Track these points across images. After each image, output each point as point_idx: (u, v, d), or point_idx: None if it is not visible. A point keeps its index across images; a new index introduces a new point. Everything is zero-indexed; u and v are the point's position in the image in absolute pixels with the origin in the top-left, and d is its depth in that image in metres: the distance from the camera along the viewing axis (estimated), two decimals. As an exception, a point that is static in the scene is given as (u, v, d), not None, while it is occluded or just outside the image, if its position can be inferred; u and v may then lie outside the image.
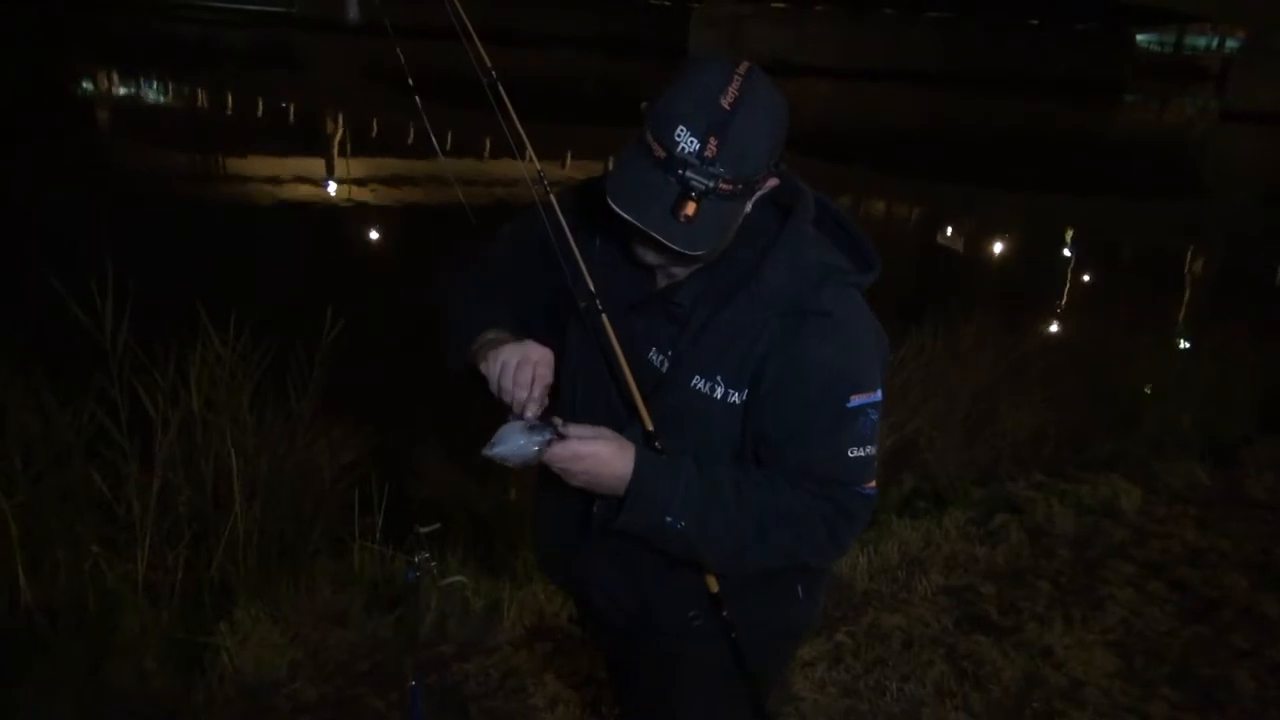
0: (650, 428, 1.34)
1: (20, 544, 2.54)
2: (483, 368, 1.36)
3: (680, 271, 1.36)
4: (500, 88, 1.45)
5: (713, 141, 1.19)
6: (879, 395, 1.35)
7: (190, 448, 2.83)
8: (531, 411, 1.32)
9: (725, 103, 1.19)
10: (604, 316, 1.34)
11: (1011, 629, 3.07)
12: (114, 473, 2.74)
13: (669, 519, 1.30)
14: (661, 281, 1.39)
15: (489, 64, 1.46)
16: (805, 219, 1.37)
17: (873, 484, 1.39)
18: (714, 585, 1.43)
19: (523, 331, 1.42)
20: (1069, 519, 3.83)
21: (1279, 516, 4.03)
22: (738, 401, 1.34)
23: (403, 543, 2.96)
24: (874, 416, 1.35)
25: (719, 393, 1.33)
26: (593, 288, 1.36)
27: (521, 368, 1.33)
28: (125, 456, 2.71)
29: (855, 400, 1.33)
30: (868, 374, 1.35)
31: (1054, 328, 7.36)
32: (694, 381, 1.34)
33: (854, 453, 1.34)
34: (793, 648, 1.79)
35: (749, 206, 1.30)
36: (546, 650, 2.77)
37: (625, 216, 1.22)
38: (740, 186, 1.23)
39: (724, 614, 1.44)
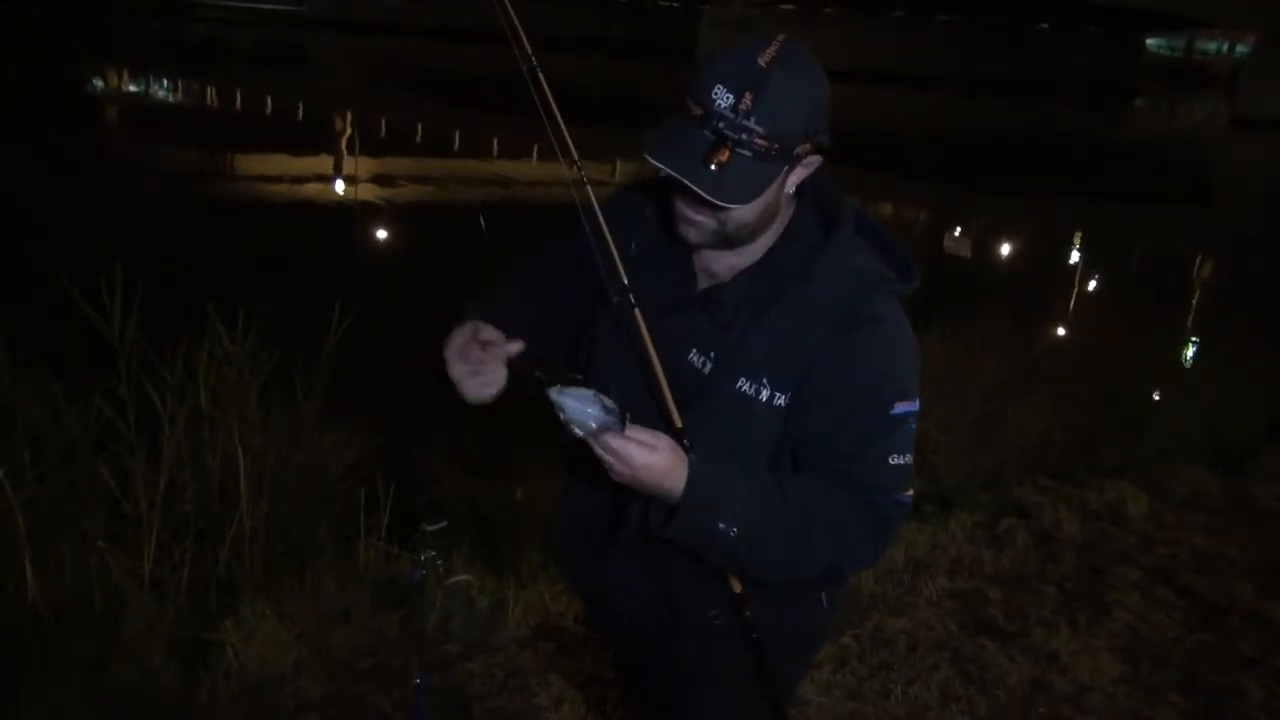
0: (679, 424, 1.32)
1: (27, 539, 2.55)
2: None
3: (722, 270, 1.37)
4: (540, 75, 1.44)
5: (748, 96, 1.21)
6: (918, 405, 1.35)
7: (197, 444, 2.83)
8: (491, 390, 1.35)
9: (762, 62, 1.22)
10: (636, 311, 1.33)
11: (1017, 634, 3.07)
12: (121, 469, 2.74)
13: (721, 525, 1.27)
14: (704, 283, 1.39)
15: (529, 50, 1.44)
16: (849, 227, 1.38)
17: (909, 492, 1.37)
18: (737, 585, 1.41)
19: (517, 329, 1.41)
20: (1076, 524, 3.82)
21: (1287, 523, 4.01)
22: (782, 404, 1.33)
23: (408, 541, 2.96)
24: (913, 426, 1.35)
25: (764, 395, 1.32)
26: (626, 280, 1.35)
27: (451, 373, 1.36)
28: (132, 453, 2.72)
29: (900, 408, 1.32)
30: (911, 383, 1.34)
31: (1062, 332, 7.34)
32: (739, 384, 1.33)
33: (895, 460, 1.33)
34: (813, 654, 1.77)
35: (789, 184, 1.31)
36: (551, 650, 2.77)
37: (659, 165, 1.23)
38: (776, 147, 1.23)
39: (746, 614, 1.42)
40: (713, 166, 1.21)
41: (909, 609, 3.16)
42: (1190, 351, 6.38)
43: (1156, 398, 5.18)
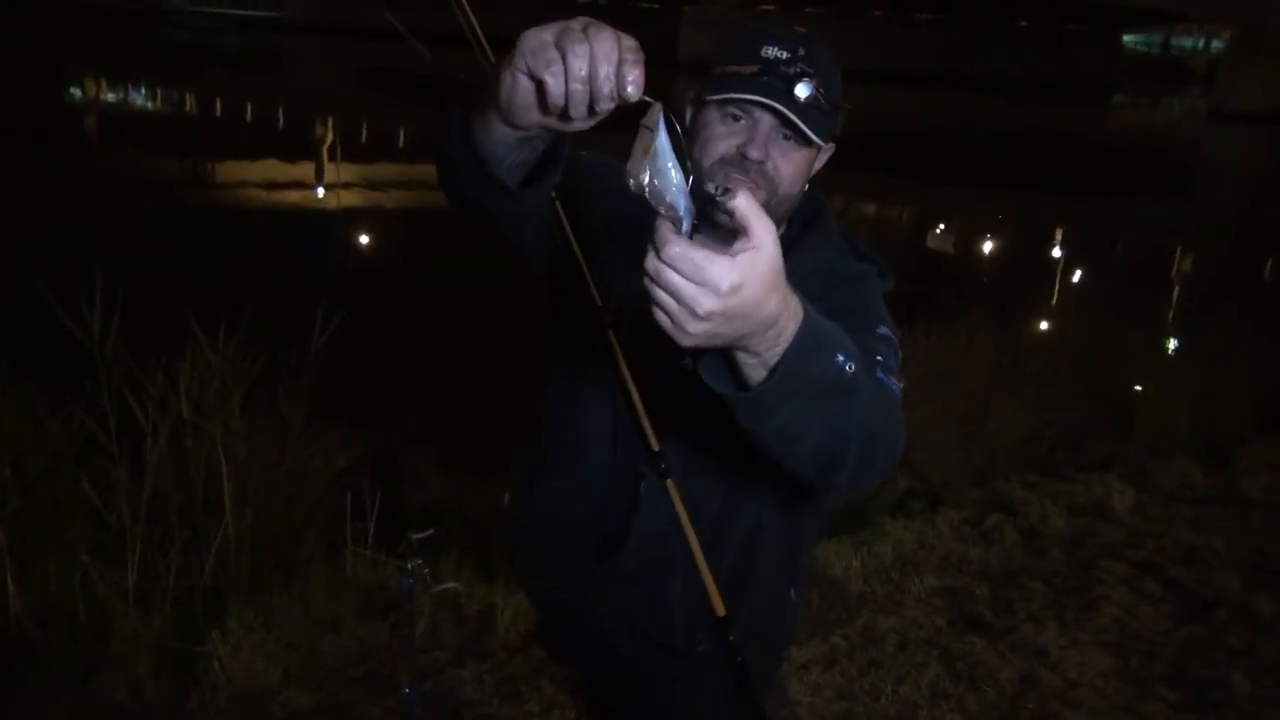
0: (656, 448, 1.29)
1: (10, 552, 2.52)
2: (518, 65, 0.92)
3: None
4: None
5: (802, 50, 1.22)
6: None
7: (181, 455, 2.81)
8: (633, 90, 0.87)
9: (800, 29, 1.26)
10: (610, 333, 1.30)
11: (1006, 630, 3.07)
12: (104, 481, 2.72)
13: (841, 358, 0.97)
14: None
15: (491, 56, 1.42)
16: (830, 223, 1.40)
17: (899, 384, 1.20)
18: (720, 608, 1.36)
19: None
20: (1063, 519, 3.83)
21: (1274, 515, 4.04)
22: None
23: (396, 548, 2.94)
24: (894, 355, 1.23)
25: None
26: (599, 300, 1.31)
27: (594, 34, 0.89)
28: (115, 464, 2.70)
29: (884, 330, 1.26)
30: (892, 327, 1.29)
31: (1048, 327, 7.37)
32: None
33: (879, 372, 1.16)
34: (787, 650, 1.78)
35: (813, 169, 1.31)
36: (541, 656, 2.75)
37: (747, 97, 1.20)
38: (826, 104, 1.23)
39: (730, 638, 1.38)
40: (800, 95, 1.19)
41: (897, 607, 3.16)
42: (1175, 344, 6.41)
43: (1140, 389, 5.21)
